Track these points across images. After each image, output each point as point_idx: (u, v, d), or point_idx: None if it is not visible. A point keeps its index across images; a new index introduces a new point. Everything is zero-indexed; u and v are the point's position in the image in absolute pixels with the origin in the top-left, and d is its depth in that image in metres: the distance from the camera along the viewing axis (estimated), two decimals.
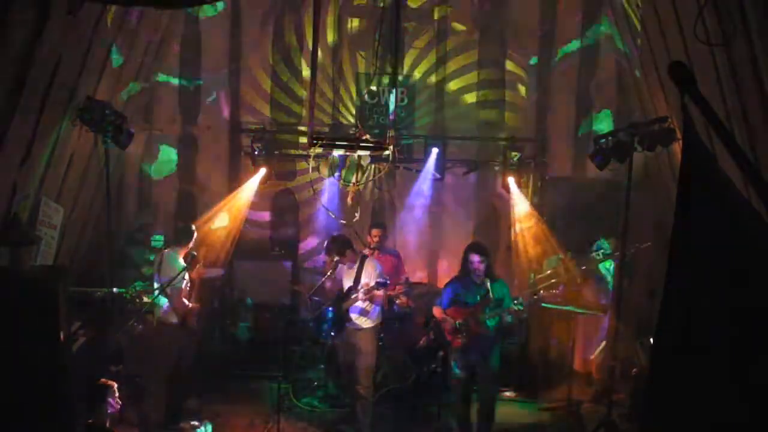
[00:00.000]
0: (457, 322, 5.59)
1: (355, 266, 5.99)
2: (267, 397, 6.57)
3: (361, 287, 5.81)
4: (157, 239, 7.53)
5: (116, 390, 4.44)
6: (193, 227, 6.14)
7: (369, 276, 5.86)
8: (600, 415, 6.01)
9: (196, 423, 5.91)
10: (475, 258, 5.59)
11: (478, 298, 5.60)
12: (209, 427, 5.93)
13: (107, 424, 4.38)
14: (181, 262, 5.76)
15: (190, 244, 5.96)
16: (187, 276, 5.81)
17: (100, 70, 5.99)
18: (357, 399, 5.87)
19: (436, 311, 5.84)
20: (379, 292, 5.77)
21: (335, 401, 6.67)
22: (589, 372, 7.21)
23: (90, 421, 4.18)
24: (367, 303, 5.80)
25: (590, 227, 7.15)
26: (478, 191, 8.13)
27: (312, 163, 7.48)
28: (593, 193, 7.41)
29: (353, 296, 5.84)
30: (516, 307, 5.54)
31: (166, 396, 5.88)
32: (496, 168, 7.66)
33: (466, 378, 5.73)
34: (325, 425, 6.28)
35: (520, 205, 7.29)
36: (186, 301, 5.80)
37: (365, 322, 5.87)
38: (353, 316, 5.86)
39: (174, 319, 5.79)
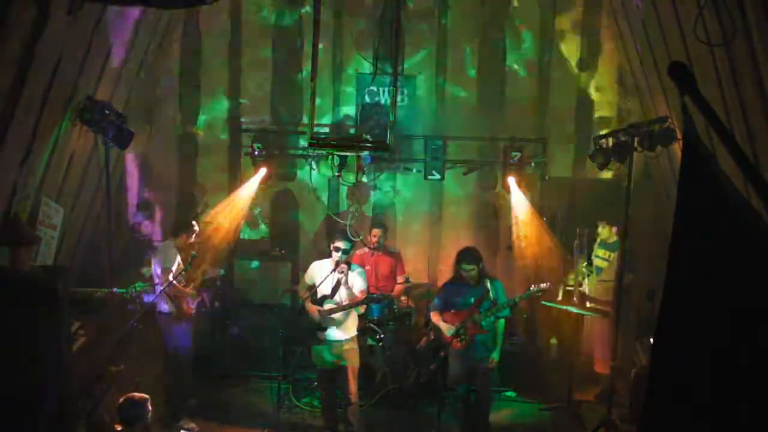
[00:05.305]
0: (455, 327, 5.56)
1: (336, 273, 5.62)
2: (267, 397, 6.56)
3: (339, 301, 5.63)
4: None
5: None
6: (193, 222, 6.25)
7: (348, 288, 5.61)
8: (600, 415, 6.01)
9: None
10: (466, 267, 5.56)
11: (472, 300, 5.58)
12: None
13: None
14: (175, 251, 5.91)
15: (185, 236, 6.05)
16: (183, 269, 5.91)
17: (100, 70, 5.99)
18: (347, 404, 5.83)
19: (434, 317, 5.81)
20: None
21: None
22: (590, 372, 7.19)
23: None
24: (341, 315, 5.65)
25: (590, 227, 7.15)
26: (478, 191, 8.13)
27: (312, 164, 7.48)
28: (593, 193, 7.39)
29: (327, 307, 5.64)
30: (507, 308, 5.62)
31: (165, 391, 5.91)
32: (496, 168, 7.66)
33: (465, 379, 5.78)
34: (324, 425, 6.27)
35: (520, 205, 7.28)
36: (179, 286, 5.89)
37: (344, 334, 5.69)
38: (328, 328, 5.62)
39: (170, 308, 5.91)
